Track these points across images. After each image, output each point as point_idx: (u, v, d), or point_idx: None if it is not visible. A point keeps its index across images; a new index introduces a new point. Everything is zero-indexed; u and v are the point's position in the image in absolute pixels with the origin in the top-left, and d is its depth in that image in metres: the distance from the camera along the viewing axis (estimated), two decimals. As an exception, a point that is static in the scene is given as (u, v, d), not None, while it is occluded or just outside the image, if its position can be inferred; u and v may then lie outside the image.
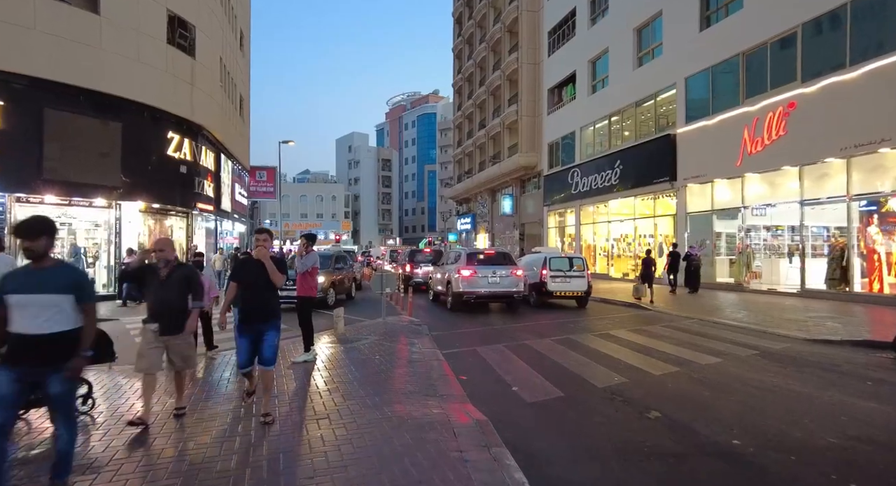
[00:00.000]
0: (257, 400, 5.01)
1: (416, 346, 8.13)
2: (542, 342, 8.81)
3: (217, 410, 4.94)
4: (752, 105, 15.06)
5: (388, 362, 6.93)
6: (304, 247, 7.34)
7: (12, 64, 12.90)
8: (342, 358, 7.19)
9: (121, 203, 15.60)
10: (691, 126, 17.80)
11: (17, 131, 13.24)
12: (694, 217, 18.10)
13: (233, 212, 26.58)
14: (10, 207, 13.64)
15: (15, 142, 13.22)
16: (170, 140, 17.09)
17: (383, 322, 10.58)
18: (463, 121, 42.84)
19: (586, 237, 25.13)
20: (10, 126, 13.13)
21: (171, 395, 5.11)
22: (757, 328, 9.81)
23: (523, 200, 32.33)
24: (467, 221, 43.04)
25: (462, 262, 13.50)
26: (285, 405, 5.02)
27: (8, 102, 13.13)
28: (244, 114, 28.75)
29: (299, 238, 7.79)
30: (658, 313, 12.54)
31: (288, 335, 8.74)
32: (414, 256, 21.30)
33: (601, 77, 24.21)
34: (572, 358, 7.50)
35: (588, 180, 24.04)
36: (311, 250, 7.45)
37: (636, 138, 21.23)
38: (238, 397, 5.33)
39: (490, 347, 8.41)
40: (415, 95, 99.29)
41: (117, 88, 14.85)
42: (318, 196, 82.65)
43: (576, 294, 14.03)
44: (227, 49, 22.99)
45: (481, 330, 10.29)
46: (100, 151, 14.87)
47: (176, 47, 17.11)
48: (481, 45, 37.37)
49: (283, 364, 6.82)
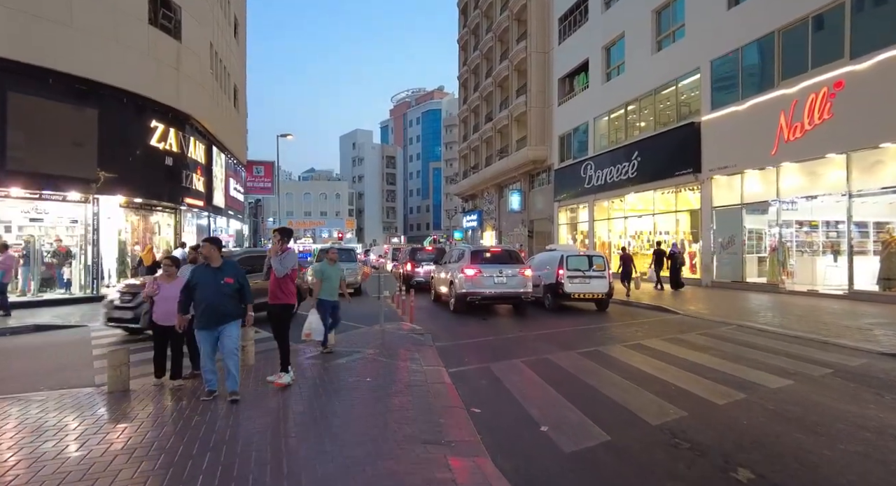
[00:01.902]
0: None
1: (417, 362, 6.79)
2: (566, 357, 7.46)
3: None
4: (791, 87, 13.60)
5: (383, 386, 5.59)
6: (278, 244, 5.98)
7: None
8: (326, 381, 5.85)
9: (98, 197, 14.33)
10: (718, 113, 16.35)
11: (-22, 118, 12.00)
12: (721, 212, 16.65)
13: (227, 208, 25.32)
14: (-28, 201, 12.41)
15: (-25, 129, 11.98)
16: (153, 129, 15.81)
17: (381, 330, 9.25)
18: (468, 115, 41.43)
19: (600, 234, 23.70)
20: (-31, 112, 11.88)
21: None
22: (815, 338, 8.40)
23: (532, 196, 30.91)
24: (473, 219, 41.67)
25: (466, 260, 12.20)
26: (233, 456, 3.68)
27: (-33, 85, 11.89)
28: (239, 105, 27.46)
29: (272, 233, 6.42)
30: (688, 318, 11.14)
31: (267, 347, 7.43)
32: (415, 254, 20.05)
33: (616, 64, 22.76)
34: (607, 379, 6.14)
35: (602, 174, 22.60)
36: (288, 249, 6.10)
37: (655, 128, 19.79)
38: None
39: (505, 363, 7.06)
40: (419, 91, 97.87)
41: (91, 71, 13.57)
42: (321, 194, 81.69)
43: (596, 296, 12.67)
44: (219, 35, 21.69)
45: (493, 340, 8.93)
46: (73, 140, 13.61)
47: (159, 28, 15.81)
48: (488, 35, 35.93)
49: (252, 388, 5.50)
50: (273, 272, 5.96)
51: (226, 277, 5.14)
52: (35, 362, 7.48)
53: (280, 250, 5.96)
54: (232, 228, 28.21)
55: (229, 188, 25.63)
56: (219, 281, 5.09)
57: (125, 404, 5.06)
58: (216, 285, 5.07)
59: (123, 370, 5.56)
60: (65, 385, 6.01)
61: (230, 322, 5.11)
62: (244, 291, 5.30)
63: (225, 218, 26.03)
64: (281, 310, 6.02)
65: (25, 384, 6.10)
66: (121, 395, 5.36)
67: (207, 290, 5.04)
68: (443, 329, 10.05)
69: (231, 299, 5.15)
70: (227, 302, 5.09)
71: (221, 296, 5.06)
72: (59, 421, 4.50)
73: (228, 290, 5.13)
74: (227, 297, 5.10)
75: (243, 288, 5.28)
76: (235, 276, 5.23)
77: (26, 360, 7.69)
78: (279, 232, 6.08)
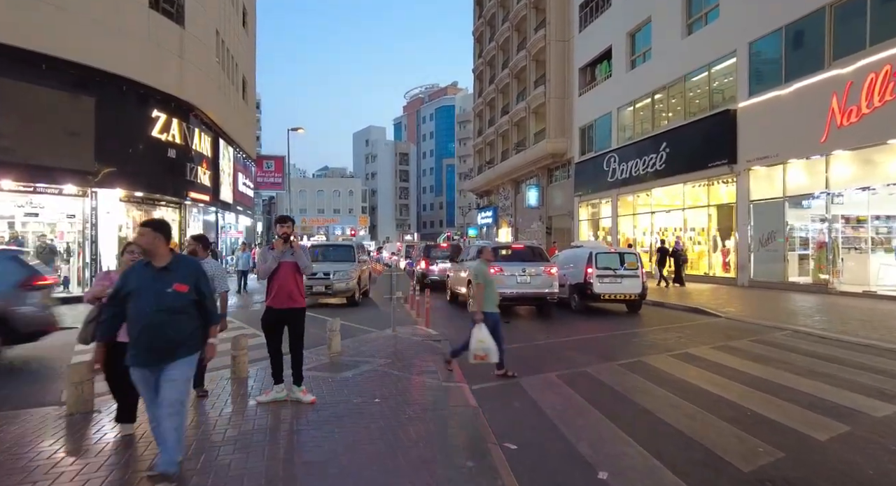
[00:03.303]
0: None
1: (434, 376, 5.81)
2: (606, 369, 6.43)
3: None
4: (845, 67, 12.33)
5: (394, 411, 4.60)
6: (291, 237, 4.97)
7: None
8: (325, 404, 4.88)
9: (96, 191, 13.59)
10: (757, 98, 15.09)
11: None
12: (759, 206, 15.40)
13: (235, 204, 24.58)
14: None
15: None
16: (154, 119, 15.03)
17: (393, 335, 8.30)
18: (484, 108, 40.30)
19: (624, 230, 22.50)
20: (-46, 98, 11.16)
21: None
22: (893, 348, 7.25)
23: (550, 191, 29.74)
24: (488, 215, 40.58)
25: (487, 258, 11.15)
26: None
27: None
28: (248, 98, 26.70)
29: (275, 226, 5.42)
30: (733, 322, 10.03)
31: (259, 356, 6.50)
32: (429, 251, 19.19)
33: (642, 51, 21.51)
34: (663, 400, 5.10)
35: (627, 167, 21.39)
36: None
37: (686, 117, 18.54)
38: None
39: (537, 378, 6.04)
40: (433, 87, 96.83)
41: (87, 57, 12.78)
42: (335, 191, 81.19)
43: (628, 298, 11.60)
44: (226, 23, 20.87)
45: (519, 347, 7.91)
46: (69, 129, 12.86)
47: (160, 13, 15.01)
48: (504, 25, 34.78)
49: (234, 408, 4.56)
50: (282, 270, 4.90)
51: (175, 282, 3.20)
52: (4, 373, 6.65)
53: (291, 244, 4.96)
54: (241, 224, 27.52)
55: (238, 183, 24.90)
56: (163, 289, 3.17)
57: (77, 433, 4.15)
58: (158, 294, 3.15)
59: (86, 388, 4.66)
60: (25, 403, 5.14)
61: (180, 358, 3.17)
62: (207, 305, 3.38)
63: (234, 214, 25.33)
64: (302, 314, 5.04)
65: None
66: (81, 418, 4.46)
67: (143, 302, 3.14)
68: (461, 334, 8.95)
69: (182, 318, 3.22)
70: (174, 323, 3.17)
71: (165, 313, 3.14)
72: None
73: (179, 303, 3.20)
74: (174, 315, 3.18)
75: (205, 300, 3.36)
76: (193, 280, 3.28)
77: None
78: (287, 222, 5.09)
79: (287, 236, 4.88)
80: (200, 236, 5.40)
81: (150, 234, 3.24)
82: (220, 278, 4.87)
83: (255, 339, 8.19)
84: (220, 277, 4.90)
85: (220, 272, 4.98)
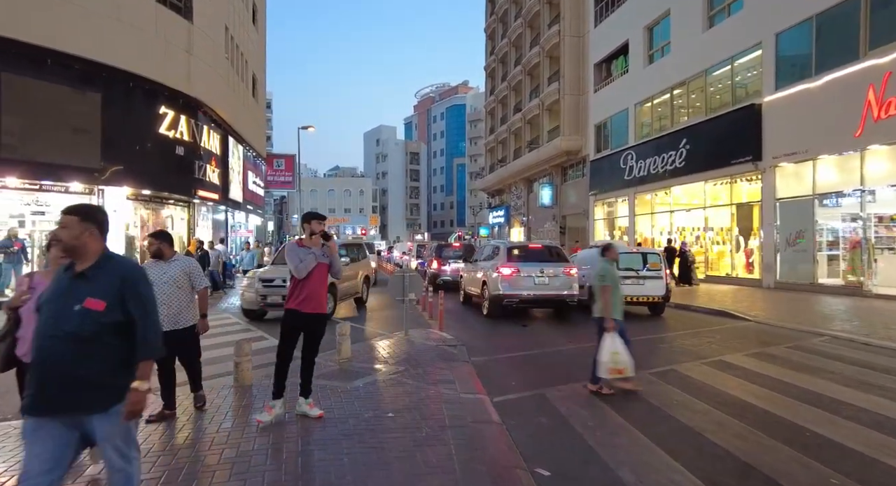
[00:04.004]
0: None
1: (451, 386, 5.35)
2: (637, 378, 5.92)
3: None
4: (882, 56, 11.66)
5: (409, 428, 4.15)
6: (320, 235, 4.46)
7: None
8: (334, 419, 4.44)
9: (103, 189, 13.32)
10: (784, 92, 14.43)
11: (-32, 100, 11.03)
12: (786, 204, 14.73)
13: (245, 203, 24.32)
14: (-33, 191, 11.48)
15: (-35, 113, 11.00)
16: (162, 116, 14.75)
17: (406, 339, 7.86)
18: (496, 106, 39.76)
19: (642, 230, 21.86)
20: (-41, 94, 10.92)
21: None
22: (951, 358, 6.66)
23: (564, 190, 29.14)
24: (500, 215, 40.05)
25: (501, 258, 10.73)
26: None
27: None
28: (258, 95, 26.43)
29: (301, 223, 4.83)
30: (764, 326, 9.45)
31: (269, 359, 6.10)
32: (441, 251, 18.74)
33: (660, 45, 20.86)
34: (706, 415, 4.60)
35: (645, 164, 20.76)
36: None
37: (707, 112, 17.89)
38: None
39: (564, 389, 5.56)
40: (444, 86, 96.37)
41: (93, 51, 12.51)
42: (345, 191, 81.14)
43: (651, 300, 11.04)
44: (236, 18, 20.59)
45: (539, 354, 7.44)
46: (75, 126, 12.60)
47: (168, 7, 14.70)
48: (517, 21, 34.23)
49: (235, 423, 4.14)
50: (315, 271, 4.39)
51: (88, 296, 2.15)
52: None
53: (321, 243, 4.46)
54: (252, 223, 27.28)
55: (248, 182, 24.64)
56: (67, 306, 2.14)
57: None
58: (58, 313, 2.14)
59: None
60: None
61: (97, 411, 2.14)
62: (137, 330, 2.23)
63: (244, 213, 25.08)
64: (326, 321, 4.63)
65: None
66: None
67: (41, 323, 2.18)
68: (477, 338, 8.59)
69: (94, 349, 2.14)
70: (79, 357, 2.10)
71: (64, 341, 2.10)
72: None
73: (87, 327, 2.12)
74: (81, 344, 2.11)
75: (135, 323, 2.23)
76: (114, 293, 2.19)
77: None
78: (324, 219, 4.61)
79: (328, 235, 4.46)
80: (160, 233, 4.62)
81: (77, 225, 2.21)
82: (196, 273, 4.50)
83: (259, 343, 7.81)
84: (196, 272, 4.51)
85: (195, 268, 4.53)
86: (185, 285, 4.40)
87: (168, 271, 4.33)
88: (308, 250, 4.39)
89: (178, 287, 4.33)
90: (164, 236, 4.50)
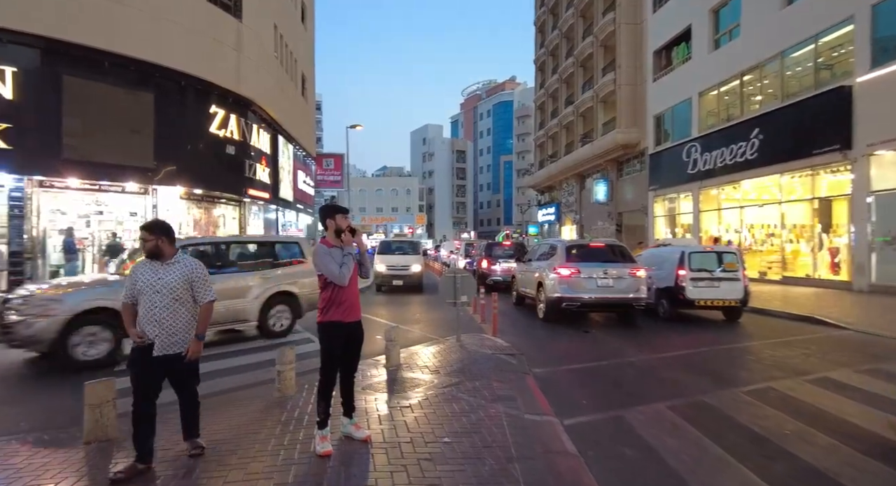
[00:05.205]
0: None
1: (514, 404, 4.68)
2: (730, 398, 5.10)
3: None
4: None
5: (471, 457, 3.51)
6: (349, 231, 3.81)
7: (23, 22, 10.91)
8: (382, 443, 3.87)
9: (157, 188, 13.48)
10: (881, 71, 12.80)
11: (33, 103, 11.31)
12: (884, 198, 13.08)
13: (296, 202, 24.48)
14: (32, 193, 11.80)
15: (30, 115, 11.29)
16: (213, 115, 14.82)
17: (458, 345, 7.26)
18: (546, 100, 38.55)
19: (707, 227, 20.33)
20: (24, 97, 11.21)
21: None
22: None
23: (620, 185, 27.73)
24: (550, 212, 38.82)
25: (559, 257, 9.93)
26: None
27: (22, 69, 11.20)
28: (307, 94, 26.57)
29: (325, 218, 3.93)
30: (865, 336, 8.22)
31: (312, 365, 5.65)
32: (491, 250, 18.07)
33: (728, 28, 19.30)
34: (832, 452, 3.72)
35: (711, 157, 19.26)
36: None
37: (783, 99, 16.29)
38: None
39: (644, 410, 4.79)
40: (491, 83, 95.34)
41: (147, 52, 12.65)
42: (393, 190, 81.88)
43: (728, 304, 9.95)
44: (284, 16, 20.62)
45: (607, 366, 6.64)
46: (130, 126, 12.76)
47: (218, 6, 14.75)
48: (568, 11, 32.97)
49: (272, 446, 3.64)
50: (353, 275, 3.83)
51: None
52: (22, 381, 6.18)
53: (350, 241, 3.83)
54: (302, 222, 27.52)
55: (297, 181, 24.79)
56: None
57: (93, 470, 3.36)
58: None
59: (106, 411, 3.92)
60: (43, 423, 4.51)
61: None
62: None
63: (294, 212, 25.27)
64: (362, 327, 3.99)
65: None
66: (95, 449, 3.70)
67: None
68: (535, 346, 7.87)
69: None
70: None
71: None
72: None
73: None
74: None
75: None
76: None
77: (22, 382, 6.43)
78: (341, 211, 3.94)
79: (354, 229, 3.83)
80: (158, 225, 3.45)
81: None
82: (200, 281, 3.44)
83: (301, 347, 7.40)
84: (201, 280, 3.45)
85: (200, 274, 3.45)
86: (185, 296, 3.39)
87: (164, 277, 3.33)
88: (342, 250, 3.78)
89: (175, 300, 3.34)
90: (162, 229, 3.40)
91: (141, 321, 3.33)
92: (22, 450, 3.75)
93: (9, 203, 11.41)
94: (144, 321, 3.32)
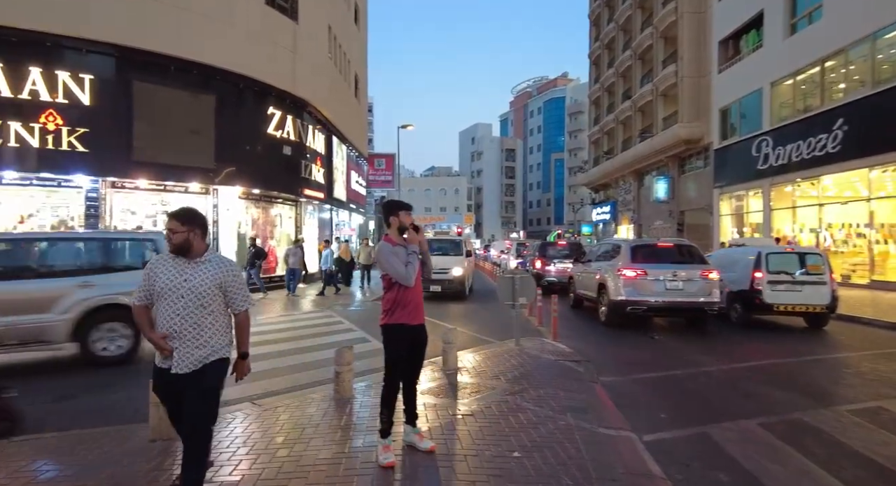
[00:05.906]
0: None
1: (584, 416, 4.31)
2: (832, 418, 4.52)
3: None
4: None
5: (544, 475, 3.18)
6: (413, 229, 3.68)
7: (100, 32, 11.47)
8: (447, 455, 3.62)
9: (217, 188, 13.89)
10: None
11: (107, 108, 11.87)
12: None
13: (349, 201, 24.81)
14: (105, 193, 12.42)
15: (105, 120, 11.85)
16: (270, 116, 15.12)
17: (517, 350, 6.92)
18: (601, 94, 37.33)
19: (780, 226, 18.92)
20: (100, 103, 11.76)
21: None
22: None
23: (682, 182, 26.38)
24: (605, 211, 37.57)
25: (623, 258, 9.38)
26: None
27: (98, 76, 11.78)
28: (360, 95, 26.86)
29: (388, 217, 3.70)
30: None
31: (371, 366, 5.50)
32: (545, 250, 17.53)
33: (806, 11, 17.84)
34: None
35: (785, 151, 17.89)
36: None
37: (873, 85, 14.84)
38: None
39: (731, 426, 4.31)
40: (542, 79, 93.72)
41: (208, 55, 13.01)
42: (441, 190, 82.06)
43: (813, 310, 9.08)
44: (338, 17, 20.86)
45: (683, 376, 6.12)
46: (192, 128, 13.18)
47: (276, 9, 15.04)
48: (626, 3, 31.75)
49: (333, 453, 3.46)
50: (418, 276, 3.63)
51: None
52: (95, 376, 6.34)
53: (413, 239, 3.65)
54: (354, 221, 27.89)
55: (350, 181, 25.10)
56: None
57: (155, 469, 3.30)
58: None
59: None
60: (113, 416, 4.56)
61: None
62: None
63: (347, 212, 25.62)
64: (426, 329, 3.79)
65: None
66: (161, 447, 3.66)
67: None
68: (599, 351, 7.42)
69: None
70: None
71: None
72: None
73: None
74: None
75: None
76: None
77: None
78: (405, 208, 3.74)
79: (418, 226, 3.67)
80: (191, 214, 2.84)
81: None
82: (235, 286, 2.84)
83: (360, 346, 7.27)
84: (237, 285, 2.85)
85: (234, 278, 2.84)
86: (214, 304, 2.78)
87: (191, 279, 2.72)
88: (406, 249, 3.57)
89: (201, 306, 2.72)
90: (196, 220, 2.80)
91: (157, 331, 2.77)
92: (89, 444, 3.77)
93: (86, 203, 12.06)
94: (160, 331, 2.74)
